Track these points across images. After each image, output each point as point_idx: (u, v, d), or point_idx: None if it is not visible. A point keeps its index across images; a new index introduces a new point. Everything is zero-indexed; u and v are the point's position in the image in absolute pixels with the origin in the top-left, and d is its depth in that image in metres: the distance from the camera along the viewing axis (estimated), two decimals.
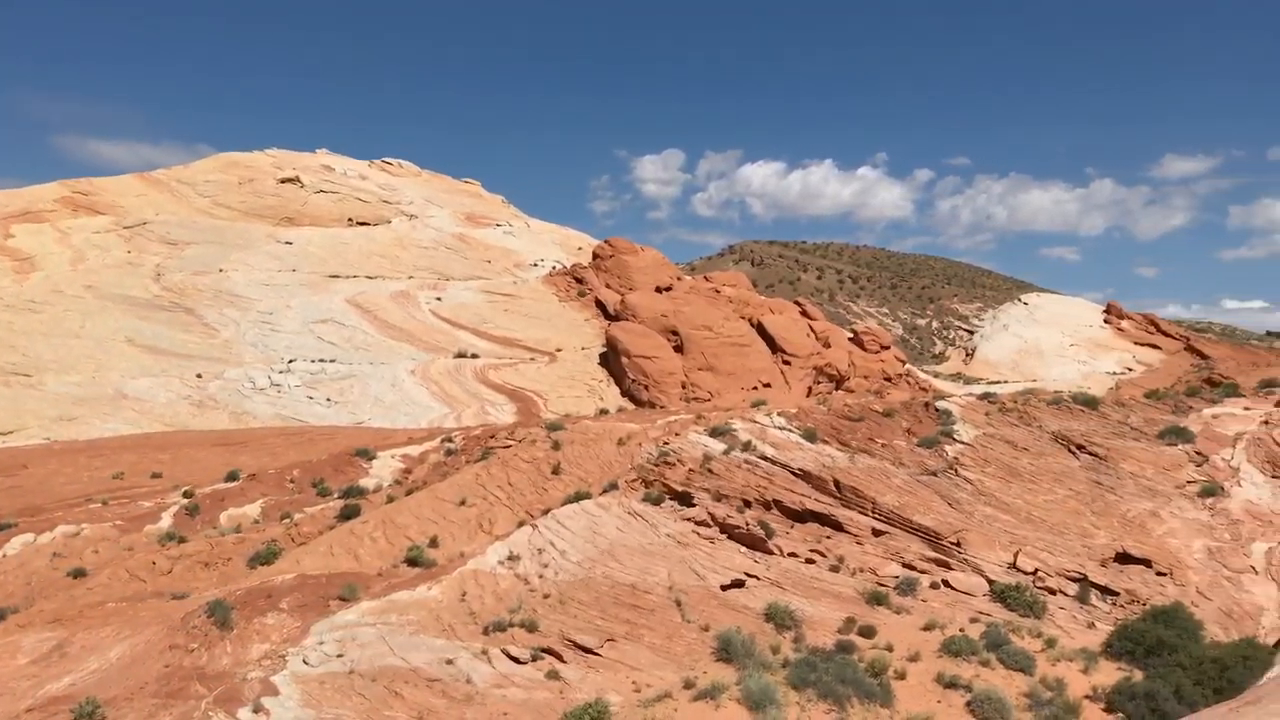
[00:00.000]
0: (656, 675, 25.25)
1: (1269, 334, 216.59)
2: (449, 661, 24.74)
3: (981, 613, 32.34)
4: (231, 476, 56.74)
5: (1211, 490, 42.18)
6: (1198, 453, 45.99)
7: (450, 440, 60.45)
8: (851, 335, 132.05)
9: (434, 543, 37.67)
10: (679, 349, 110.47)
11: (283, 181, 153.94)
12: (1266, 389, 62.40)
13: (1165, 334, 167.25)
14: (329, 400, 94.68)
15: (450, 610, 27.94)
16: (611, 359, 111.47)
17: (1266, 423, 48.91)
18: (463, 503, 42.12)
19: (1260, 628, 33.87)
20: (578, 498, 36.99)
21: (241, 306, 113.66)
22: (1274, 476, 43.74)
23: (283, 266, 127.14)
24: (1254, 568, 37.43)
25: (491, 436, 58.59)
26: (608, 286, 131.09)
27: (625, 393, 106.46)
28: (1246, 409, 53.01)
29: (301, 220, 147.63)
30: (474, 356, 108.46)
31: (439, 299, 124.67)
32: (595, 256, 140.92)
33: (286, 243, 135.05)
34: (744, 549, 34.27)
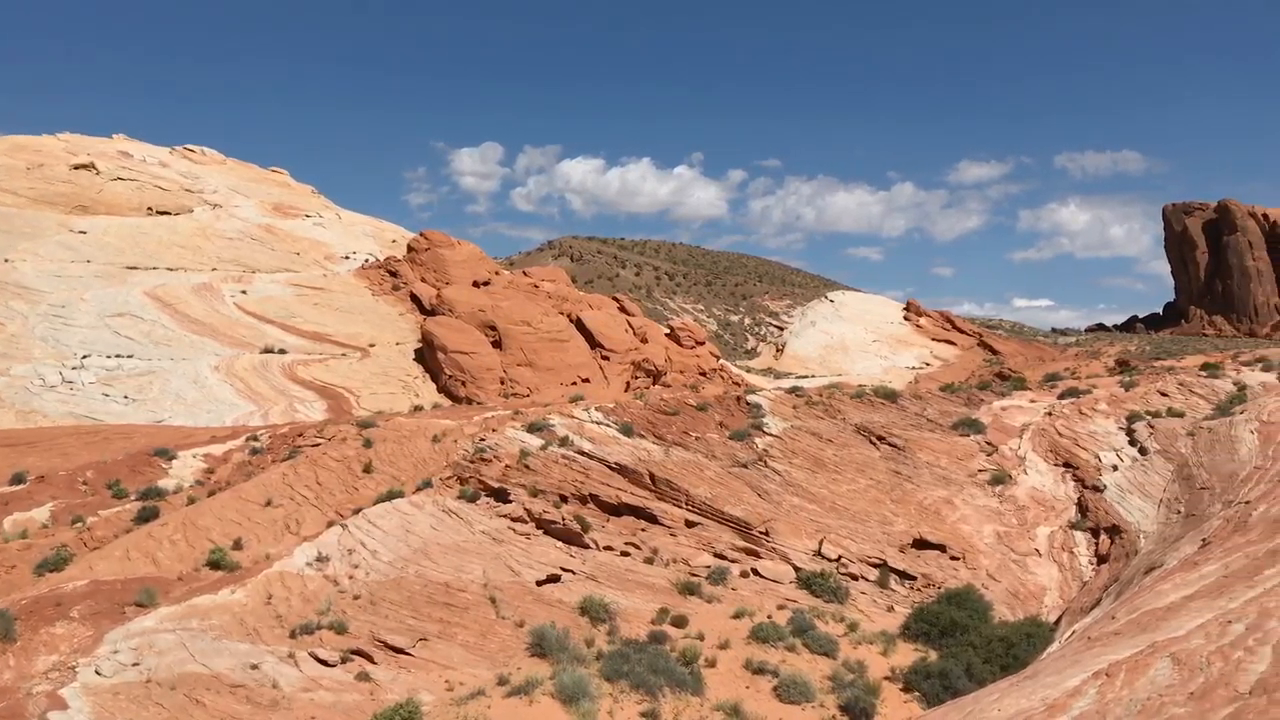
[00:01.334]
0: (470, 673, 25.10)
1: (1054, 331, 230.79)
2: (254, 666, 23.95)
3: (789, 599, 33.41)
4: (18, 479, 53.28)
5: (1000, 478, 44.75)
6: (988, 443, 48.72)
7: (256, 439, 58.37)
8: (668, 331, 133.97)
9: (238, 545, 36.33)
10: (497, 344, 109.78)
11: (76, 168, 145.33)
12: (1050, 383, 66.55)
13: (960, 330, 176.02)
14: (126, 398, 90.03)
15: (255, 614, 27.04)
16: (427, 354, 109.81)
17: (1050, 414, 52.18)
18: (269, 503, 40.79)
19: (1043, 606, 36.15)
20: (390, 496, 36.37)
21: (30, 299, 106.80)
22: (1056, 464, 46.72)
23: (76, 257, 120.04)
24: (1038, 551, 39.92)
25: (300, 435, 56.86)
26: (423, 280, 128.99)
27: (442, 389, 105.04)
28: (1032, 401, 56.43)
29: (97, 209, 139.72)
30: (281, 352, 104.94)
31: (244, 292, 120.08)
32: (410, 250, 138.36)
33: (80, 232, 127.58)
34: (560, 544, 34.40)
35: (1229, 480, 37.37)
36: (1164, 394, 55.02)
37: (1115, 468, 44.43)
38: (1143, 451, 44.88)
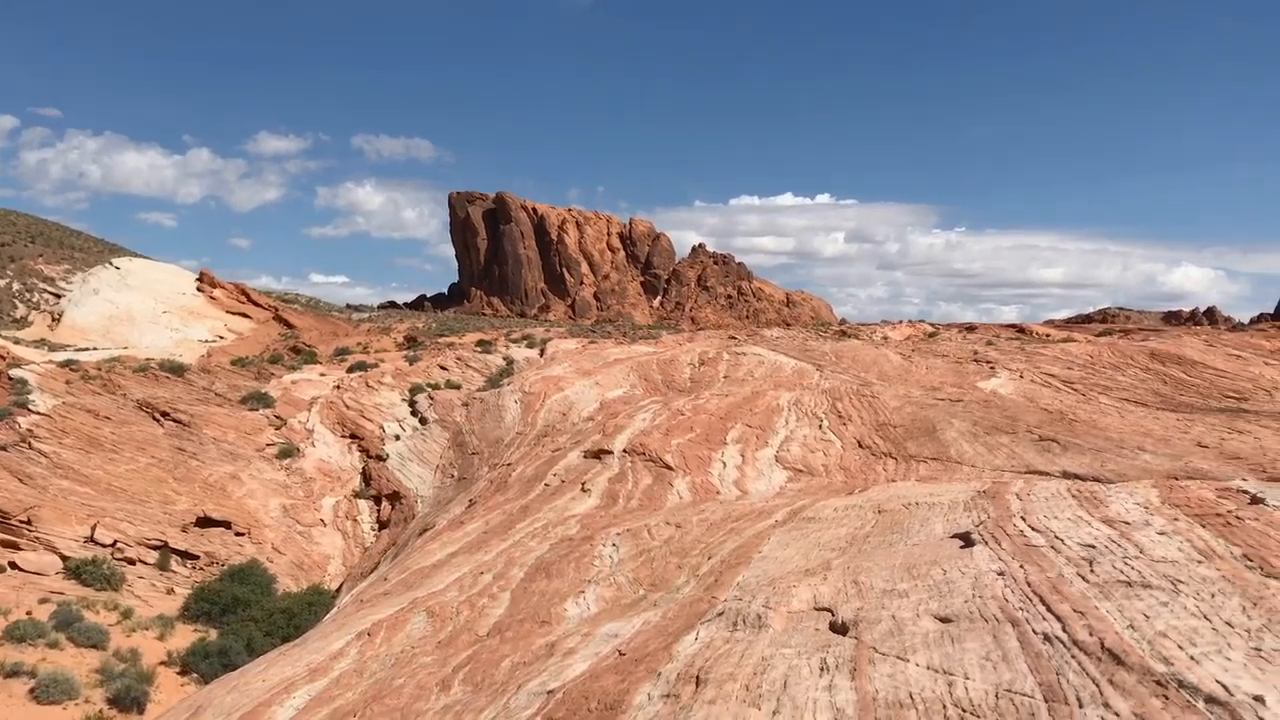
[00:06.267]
0: None
1: (349, 306, 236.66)
2: None
3: (54, 592, 30.66)
4: None
5: (289, 451, 45.14)
6: (278, 416, 48.87)
7: None
8: None
9: None
10: None
11: None
12: (341, 356, 68.54)
13: (255, 304, 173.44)
14: None
15: None
16: None
17: (339, 388, 53.71)
18: None
19: (327, 575, 37.23)
20: None
21: None
22: (344, 436, 48.24)
23: None
24: (324, 521, 40.99)
25: None
26: None
27: None
28: (322, 375, 57.66)
29: None
30: None
31: None
32: None
33: None
34: None
35: (496, 445, 41.34)
36: (444, 368, 59.29)
37: (398, 437, 46.99)
38: (423, 421, 47.96)
